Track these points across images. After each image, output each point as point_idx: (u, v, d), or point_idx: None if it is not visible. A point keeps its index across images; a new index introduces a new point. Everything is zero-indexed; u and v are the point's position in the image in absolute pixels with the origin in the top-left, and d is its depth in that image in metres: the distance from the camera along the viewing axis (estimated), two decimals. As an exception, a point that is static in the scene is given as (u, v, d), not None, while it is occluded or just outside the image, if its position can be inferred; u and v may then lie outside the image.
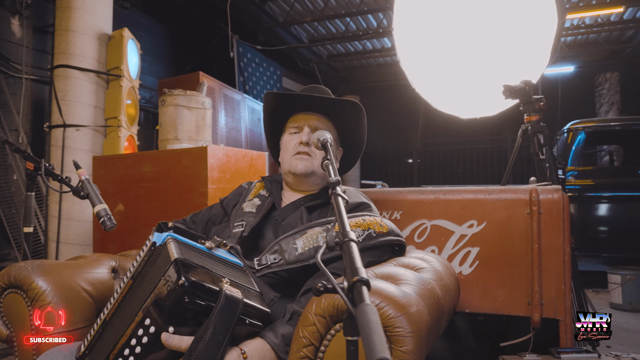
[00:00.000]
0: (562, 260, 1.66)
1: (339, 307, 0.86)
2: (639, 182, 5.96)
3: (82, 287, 1.26)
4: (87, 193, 1.31)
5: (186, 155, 2.72)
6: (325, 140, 1.09)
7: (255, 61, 7.87)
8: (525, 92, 2.79)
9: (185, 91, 2.96)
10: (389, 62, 9.72)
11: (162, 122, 2.95)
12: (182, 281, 0.91)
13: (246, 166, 2.94)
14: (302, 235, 1.26)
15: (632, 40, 7.74)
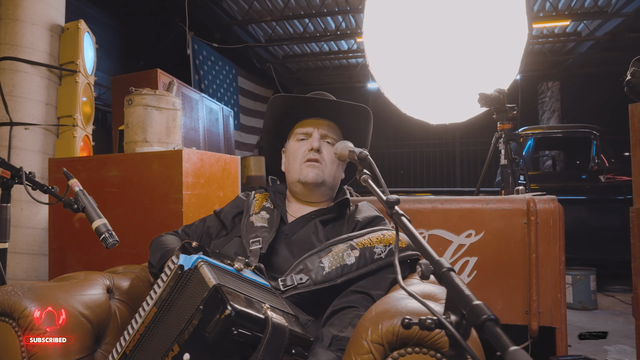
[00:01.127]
0: (558, 269, 1.70)
1: (400, 334, 0.81)
2: (583, 186, 6.34)
3: (79, 311, 1.13)
4: (84, 206, 1.17)
5: (158, 159, 2.56)
6: (365, 155, 1.03)
7: (211, 59, 7.64)
8: (499, 101, 2.86)
9: (155, 91, 2.79)
10: (345, 64, 9.77)
11: (128, 123, 2.76)
12: (228, 311, 0.82)
13: (220, 171, 2.82)
14: (327, 253, 1.19)
15: (573, 52, 8.21)
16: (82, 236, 2.69)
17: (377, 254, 1.20)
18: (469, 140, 11.03)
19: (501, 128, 2.91)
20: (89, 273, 1.33)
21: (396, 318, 0.82)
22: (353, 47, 8.56)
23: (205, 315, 0.86)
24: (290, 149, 1.49)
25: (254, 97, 9.50)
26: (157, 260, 1.36)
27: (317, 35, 7.93)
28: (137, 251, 2.58)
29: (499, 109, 2.88)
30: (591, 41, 7.51)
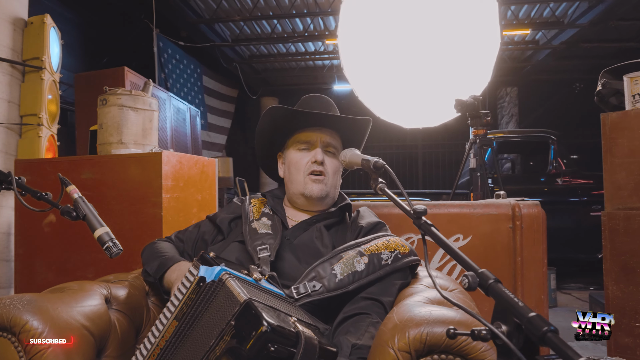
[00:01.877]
0: (541, 271, 1.77)
1: (427, 342, 0.82)
2: (542, 189, 6.62)
3: (81, 323, 1.08)
4: (84, 214, 1.12)
5: (136, 162, 2.49)
6: (382, 164, 1.04)
7: (176, 57, 7.48)
8: (474, 107, 2.95)
9: (131, 90, 2.71)
10: (311, 65, 9.78)
11: (102, 124, 2.66)
12: (264, 327, 0.81)
13: (198, 173, 2.77)
14: (338, 260, 1.19)
15: (531, 59, 8.56)
16: (52, 241, 2.58)
17: (384, 260, 1.21)
18: (432, 142, 11.28)
19: (475, 133, 3.00)
20: (82, 283, 1.28)
21: (423, 326, 0.84)
22: (320, 49, 8.58)
23: (238, 331, 0.84)
24: (291, 158, 1.47)
25: (219, 96, 9.37)
26: (155, 270, 1.32)
27: (284, 36, 7.91)
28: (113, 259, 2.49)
29: (474, 115, 2.97)
30: (548, 50, 7.85)
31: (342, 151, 1.25)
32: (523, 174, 8.35)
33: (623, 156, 2.10)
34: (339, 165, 1.47)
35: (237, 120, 10.42)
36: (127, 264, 2.47)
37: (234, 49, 8.31)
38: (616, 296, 2.09)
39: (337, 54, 8.39)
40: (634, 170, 2.08)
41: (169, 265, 1.31)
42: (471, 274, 0.65)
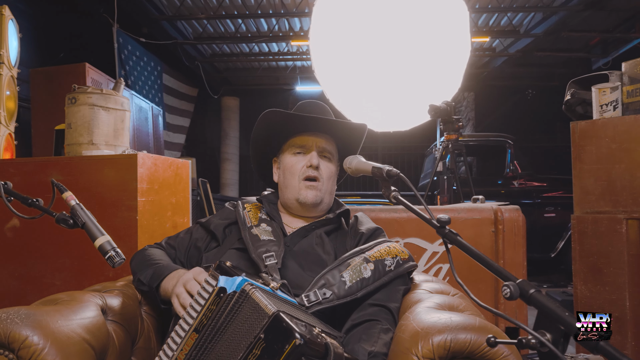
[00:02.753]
0: (521, 273, 1.84)
1: (452, 349, 0.84)
2: (499, 191, 6.87)
3: (83, 337, 1.02)
4: (83, 222, 1.06)
5: (109, 164, 2.40)
6: (396, 172, 1.05)
7: (136, 54, 7.25)
8: (447, 112, 3.03)
9: (102, 89, 2.60)
10: (274, 66, 9.73)
11: (71, 123, 2.54)
12: (298, 341, 0.80)
13: (172, 176, 2.70)
14: (346, 267, 1.19)
15: (488, 65, 8.88)
16: (15, 247, 2.45)
17: (387, 266, 1.23)
18: (392, 144, 11.47)
19: (448, 138, 3.09)
20: (72, 293, 1.22)
21: (446, 333, 0.85)
22: (284, 50, 8.56)
23: (269, 345, 0.83)
24: (286, 162, 1.45)
25: (179, 95, 9.16)
26: (150, 278, 1.28)
27: (248, 35, 7.83)
28: (82, 263, 2.39)
29: (446, 120, 3.05)
30: (504, 57, 8.17)
31: (347, 158, 1.25)
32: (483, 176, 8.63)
33: (591, 162, 2.22)
34: (334, 171, 1.46)
35: (196, 119, 10.22)
36: (100, 270, 2.38)
37: (196, 47, 8.15)
38: (584, 295, 2.20)
39: (301, 55, 8.41)
40: (601, 176, 2.19)
41: (166, 273, 1.27)
42: (512, 284, 0.67)
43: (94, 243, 1.05)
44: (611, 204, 2.17)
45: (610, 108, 2.19)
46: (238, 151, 10.91)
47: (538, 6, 6.33)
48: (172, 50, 7.67)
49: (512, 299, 0.67)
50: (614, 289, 2.14)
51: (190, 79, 9.31)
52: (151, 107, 6.02)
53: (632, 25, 6.80)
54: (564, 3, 6.18)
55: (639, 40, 6.87)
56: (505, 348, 0.83)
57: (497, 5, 6.39)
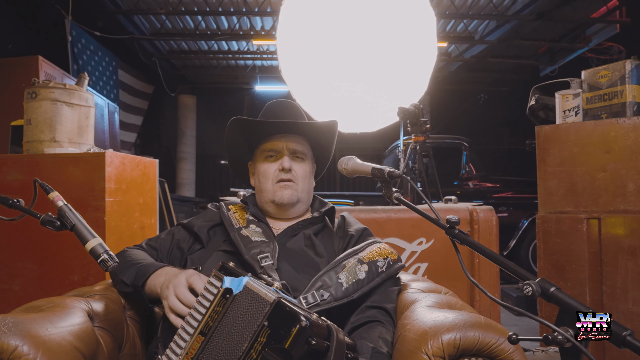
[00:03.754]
0: (495, 272, 1.91)
1: (461, 346, 0.86)
2: (454, 192, 7.10)
3: (74, 345, 0.97)
4: (72, 224, 1.00)
5: (74, 162, 2.29)
6: (398, 173, 1.06)
7: (90, 49, 6.95)
8: (415, 115, 3.10)
9: (65, 84, 2.48)
10: (233, 65, 9.60)
11: (31, 119, 2.40)
12: (304, 322, 0.81)
13: (140, 175, 2.62)
14: (342, 269, 1.20)
15: (444, 70, 9.14)
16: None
17: (380, 267, 1.24)
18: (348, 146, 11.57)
19: (415, 140, 3.16)
20: (52, 299, 1.15)
21: (455, 331, 0.88)
22: (244, 49, 8.46)
23: (274, 331, 0.83)
24: (259, 168, 1.44)
25: (134, 92, 8.86)
26: (134, 278, 1.23)
27: (208, 33, 7.69)
28: (44, 268, 2.28)
29: (414, 122, 3.12)
30: (459, 62, 8.44)
31: (342, 159, 1.26)
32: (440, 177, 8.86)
33: (554, 165, 2.33)
34: (309, 170, 1.46)
35: (151, 117, 9.93)
36: (63, 274, 2.27)
37: (153, 43, 7.91)
38: (548, 291, 2.31)
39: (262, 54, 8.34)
40: (564, 178, 2.31)
41: (152, 270, 1.22)
42: (534, 283, 0.70)
43: (85, 246, 1.00)
44: (573, 204, 2.29)
45: (573, 113, 2.31)
46: (195, 150, 10.68)
47: (493, 14, 6.59)
48: (128, 46, 7.42)
49: (534, 296, 0.69)
50: (575, 285, 2.26)
51: (146, 76, 9.02)
52: (107, 104, 5.78)
53: (577, 36, 7.20)
54: (517, 12, 6.46)
55: (583, 50, 7.29)
56: (510, 345, 0.86)
57: (454, 12, 6.60)
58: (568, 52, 7.66)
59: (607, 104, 2.32)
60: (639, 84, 2.26)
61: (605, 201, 2.21)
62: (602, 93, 2.33)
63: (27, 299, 2.30)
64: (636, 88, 2.26)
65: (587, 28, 6.95)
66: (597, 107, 2.35)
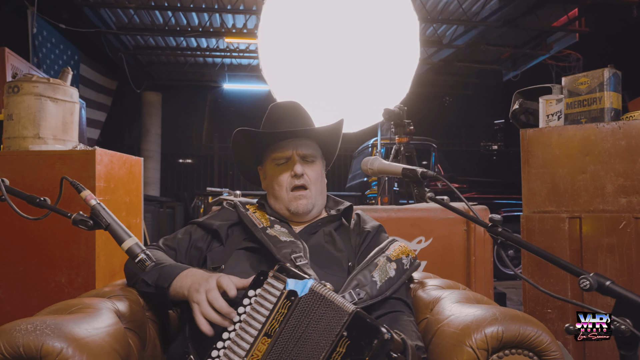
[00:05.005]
0: (489, 269, 1.98)
1: (504, 339, 0.90)
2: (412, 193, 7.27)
3: (113, 347, 0.94)
4: (107, 224, 0.97)
5: (61, 160, 2.22)
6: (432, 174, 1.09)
7: (52, 41, 6.67)
8: (399, 116, 3.16)
9: (48, 78, 2.39)
10: (201, 62, 9.45)
11: (13, 114, 2.29)
12: (386, 335, 0.82)
13: (126, 174, 2.56)
14: (375, 267, 1.22)
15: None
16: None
17: (404, 265, 1.28)
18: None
19: (399, 141, 3.22)
20: (80, 300, 1.13)
21: (497, 325, 0.92)
22: (214, 46, 8.34)
23: (354, 342, 0.84)
24: (270, 173, 1.44)
25: (97, 88, 8.56)
26: (157, 279, 1.20)
27: (177, 29, 7.54)
28: (28, 269, 2.18)
29: (398, 124, 3.18)
30: (428, 65, 8.64)
31: (367, 160, 1.28)
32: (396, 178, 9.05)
33: (538, 167, 2.44)
34: (320, 171, 1.47)
35: (113, 114, 9.62)
36: (49, 276, 2.18)
37: (118, 37, 7.68)
38: (531, 287, 2.42)
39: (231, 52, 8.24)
40: (547, 179, 2.42)
41: (177, 272, 1.19)
42: (591, 277, 0.75)
43: (121, 246, 0.98)
44: (555, 204, 2.40)
45: (555, 118, 2.43)
46: (160, 148, 10.43)
47: (461, 19, 6.78)
48: (93, 40, 7.17)
49: (591, 290, 0.74)
50: (557, 281, 2.37)
51: (109, 71, 8.74)
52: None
53: (539, 43, 7.52)
54: (484, 18, 6.68)
55: (545, 57, 7.62)
56: (548, 337, 0.91)
57: (424, 16, 6.75)
58: (530, 58, 7.99)
59: (586, 109, 2.45)
60: (616, 91, 2.41)
61: (586, 201, 2.34)
62: (582, 99, 2.46)
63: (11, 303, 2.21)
64: (613, 95, 2.40)
65: (548, 36, 7.28)
66: (577, 112, 2.48)
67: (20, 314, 2.18)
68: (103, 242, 2.25)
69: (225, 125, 11.86)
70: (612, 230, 2.27)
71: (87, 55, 7.79)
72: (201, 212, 6.76)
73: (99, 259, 2.20)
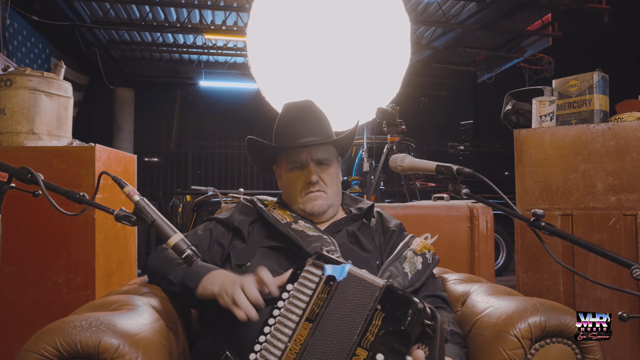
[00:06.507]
0: (492, 264, 2.05)
1: (546, 328, 0.94)
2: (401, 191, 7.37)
3: (162, 342, 0.94)
4: (153, 220, 0.96)
5: (59, 156, 2.16)
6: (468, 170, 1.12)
7: (23, 33, 6.44)
8: (392, 115, 3.21)
9: (42, 72, 2.32)
10: (177, 58, 9.30)
11: (6, 109, 2.21)
12: (420, 305, 0.86)
13: (122, 171, 2.52)
14: (405, 260, 1.25)
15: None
16: None
17: (428, 259, 1.31)
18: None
19: (391, 140, 3.27)
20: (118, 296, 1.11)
21: (539, 314, 0.96)
22: (191, 42, 8.22)
23: (389, 314, 0.87)
24: (285, 177, 1.44)
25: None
26: (184, 278, 1.19)
27: (154, 24, 7.39)
28: (24, 269, 2.11)
29: (391, 123, 3.23)
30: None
31: (396, 157, 1.30)
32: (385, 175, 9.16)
33: (531, 166, 2.53)
34: (335, 172, 1.46)
35: (84, 110, 9.36)
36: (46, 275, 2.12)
37: (92, 31, 7.47)
38: (525, 282, 2.50)
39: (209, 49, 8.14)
40: (539, 178, 2.51)
41: (204, 272, 1.18)
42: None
43: (167, 242, 0.97)
44: (548, 202, 2.49)
45: (548, 119, 2.52)
46: (132, 146, 10.20)
47: (440, 21, 6.91)
48: (66, 33, 6.95)
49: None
50: (549, 276, 2.46)
51: (81, 66, 8.49)
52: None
53: (514, 46, 7.75)
54: (462, 21, 6.83)
55: (518, 60, 7.85)
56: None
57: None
58: (504, 61, 8.22)
59: (576, 111, 2.55)
60: (604, 93, 2.51)
61: (577, 199, 2.44)
62: (572, 101, 2.56)
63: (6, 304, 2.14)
64: (602, 97, 2.51)
65: (523, 40, 7.50)
66: (567, 114, 2.58)
67: (16, 315, 2.11)
68: (102, 241, 2.20)
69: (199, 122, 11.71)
70: (602, 227, 2.38)
71: (59, 49, 7.55)
72: (179, 211, 6.65)
73: (98, 259, 2.15)
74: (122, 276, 2.46)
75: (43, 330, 0.86)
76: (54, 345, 0.83)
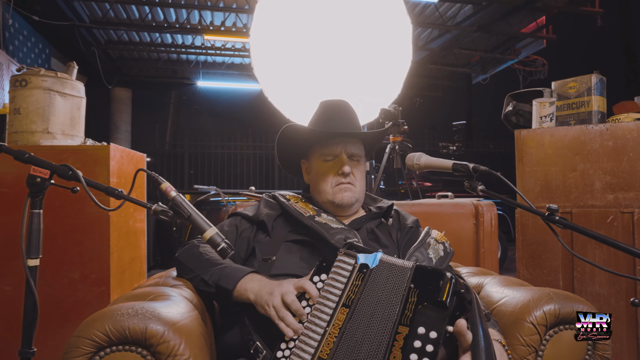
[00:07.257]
0: (496, 261, 2.12)
1: (560, 315, 1.01)
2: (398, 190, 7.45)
3: (200, 331, 1.00)
4: (189, 214, 1.01)
5: (74, 155, 2.21)
6: (485, 168, 1.19)
7: (24, 33, 6.45)
8: (395, 116, 3.27)
9: (56, 72, 2.36)
10: (174, 59, 9.32)
11: (21, 108, 2.26)
12: (450, 275, 0.93)
13: (133, 170, 2.55)
14: (429, 246, 1.32)
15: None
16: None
17: (447, 249, 1.38)
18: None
19: (393, 140, 3.33)
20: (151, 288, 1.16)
21: (553, 303, 1.03)
22: (189, 43, 8.25)
23: (423, 290, 0.94)
24: (316, 169, 1.48)
25: (66, 82, 8.30)
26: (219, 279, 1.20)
27: (153, 24, 7.42)
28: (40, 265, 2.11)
29: (393, 123, 3.30)
30: (401, 67, 8.84)
31: (412, 155, 1.36)
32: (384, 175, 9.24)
33: (531, 165, 2.61)
34: (364, 170, 1.53)
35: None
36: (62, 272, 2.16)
37: (91, 31, 7.48)
38: (526, 278, 2.58)
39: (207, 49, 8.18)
40: (539, 177, 2.59)
41: (240, 275, 1.20)
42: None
43: (202, 235, 1.03)
44: (547, 200, 2.57)
45: (548, 119, 2.60)
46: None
47: (437, 23, 7.00)
48: (64, 33, 6.95)
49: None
50: (549, 272, 2.54)
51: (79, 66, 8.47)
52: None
53: (508, 48, 7.86)
54: (458, 23, 6.92)
55: (513, 61, 7.96)
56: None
57: (402, 19, 6.93)
58: (499, 62, 8.33)
59: (574, 112, 2.63)
60: (602, 95, 2.60)
61: (576, 197, 2.52)
62: (571, 102, 2.64)
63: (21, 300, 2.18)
64: (600, 99, 2.59)
65: (517, 42, 7.61)
66: (566, 115, 2.66)
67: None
68: (115, 238, 2.25)
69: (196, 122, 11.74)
70: (600, 224, 2.46)
71: (58, 50, 7.55)
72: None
73: (113, 255, 2.20)
74: (134, 273, 2.51)
75: (92, 317, 0.92)
76: (104, 331, 0.88)
